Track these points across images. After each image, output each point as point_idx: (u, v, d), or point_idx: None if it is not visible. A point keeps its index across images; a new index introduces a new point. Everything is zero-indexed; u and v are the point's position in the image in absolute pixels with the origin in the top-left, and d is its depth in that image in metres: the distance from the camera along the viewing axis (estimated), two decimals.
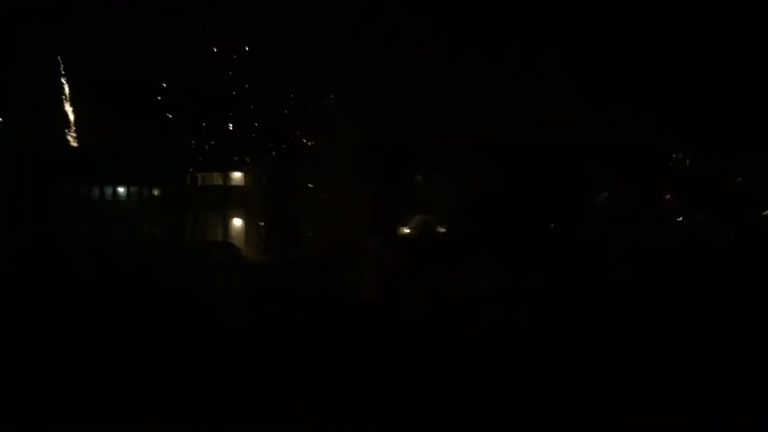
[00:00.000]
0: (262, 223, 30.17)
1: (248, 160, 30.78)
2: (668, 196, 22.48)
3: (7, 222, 20.28)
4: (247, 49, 29.03)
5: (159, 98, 28.98)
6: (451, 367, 12.49)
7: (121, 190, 29.99)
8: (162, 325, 14.72)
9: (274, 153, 28.73)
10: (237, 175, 32.26)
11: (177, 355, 12.80)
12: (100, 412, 10.10)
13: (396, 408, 10.81)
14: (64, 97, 30.29)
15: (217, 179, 32.70)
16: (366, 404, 10.86)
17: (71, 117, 30.60)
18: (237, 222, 32.01)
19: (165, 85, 29.30)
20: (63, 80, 30.21)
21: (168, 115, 29.08)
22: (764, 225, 21.18)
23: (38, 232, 22.07)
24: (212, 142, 29.96)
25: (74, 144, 30.90)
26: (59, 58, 29.58)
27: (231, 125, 29.90)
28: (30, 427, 9.65)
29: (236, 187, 32.40)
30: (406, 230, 26.04)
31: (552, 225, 22.30)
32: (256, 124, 29.40)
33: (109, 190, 29.60)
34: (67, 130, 30.67)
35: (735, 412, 10.20)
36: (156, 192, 30.60)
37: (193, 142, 29.39)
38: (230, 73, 29.18)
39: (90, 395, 10.69)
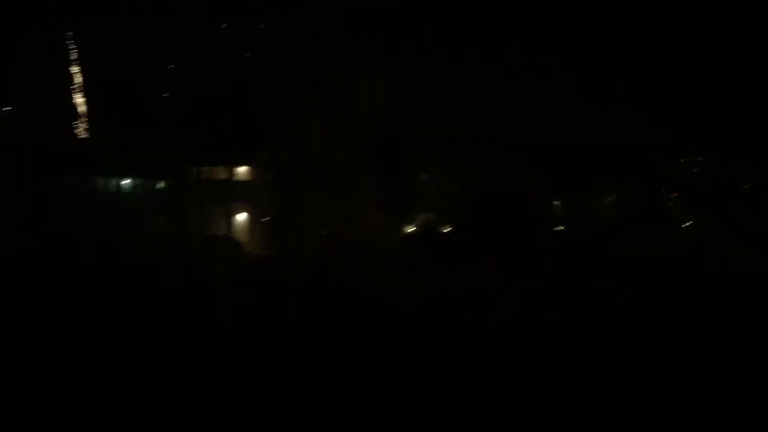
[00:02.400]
0: (266, 219, 30.18)
1: (252, 155, 30.79)
2: (670, 198, 22.50)
3: (7, 217, 20.29)
4: (252, 46, 29.07)
5: (163, 93, 29.05)
6: (454, 366, 12.48)
7: (124, 183, 29.99)
8: (160, 323, 14.72)
9: (278, 149, 28.75)
10: (241, 170, 32.24)
11: (176, 354, 12.80)
12: (100, 412, 10.09)
13: (397, 408, 10.80)
14: (71, 90, 30.33)
15: (221, 174, 32.69)
16: (367, 404, 10.86)
17: (77, 111, 30.63)
18: (240, 217, 31.99)
19: (169, 80, 29.34)
20: (69, 74, 30.23)
21: (172, 109, 29.14)
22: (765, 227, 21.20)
23: (38, 227, 22.06)
24: (218, 137, 30.00)
25: (80, 137, 30.93)
26: (66, 52, 29.59)
27: (235, 120, 29.94)
28: (30, 427, 9.65)
29: (240, 182, 32.38)
30: (411, 229, 26.10)
31: (556, 225, 22.39)
32: (261, 120, 29.41)
33: (111, 184, 29.60)
34: (72, 124, 30.71)
35: (735, 412, 10.19)
36: (159, 186, 30.62)
37: (197, 136, 29.41)
38: (234, 69, 29.23)
39: (90, 395, 10.69)
